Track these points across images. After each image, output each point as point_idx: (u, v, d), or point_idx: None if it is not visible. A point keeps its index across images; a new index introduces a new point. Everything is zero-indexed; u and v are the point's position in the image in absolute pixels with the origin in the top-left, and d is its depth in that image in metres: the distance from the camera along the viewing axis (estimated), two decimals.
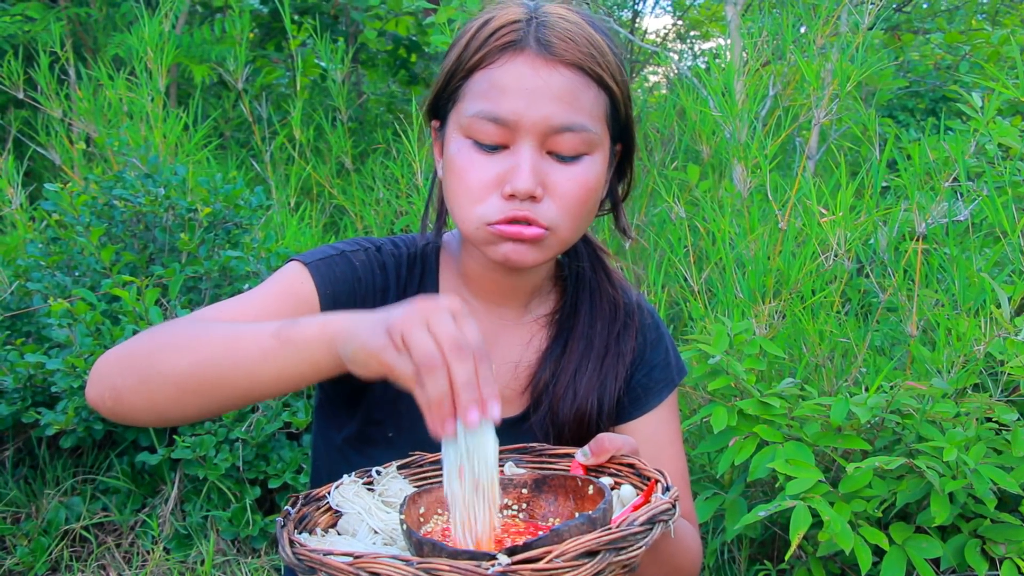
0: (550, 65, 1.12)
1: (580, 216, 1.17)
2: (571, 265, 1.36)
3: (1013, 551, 1.84)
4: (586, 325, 1.32)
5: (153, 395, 0.99)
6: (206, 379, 0.98)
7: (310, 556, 0.84)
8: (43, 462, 2.75)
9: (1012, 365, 1.88)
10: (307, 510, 1.04)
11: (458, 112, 1.17)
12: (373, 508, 1.05)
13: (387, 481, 1.10)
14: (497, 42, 1.14)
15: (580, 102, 1.14)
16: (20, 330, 2.72)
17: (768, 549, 2.38)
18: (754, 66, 2.94)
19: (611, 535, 0.83)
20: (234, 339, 0.99)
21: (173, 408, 1.00)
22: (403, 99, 5.59)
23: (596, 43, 1.16)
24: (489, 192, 1.13)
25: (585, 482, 1.02)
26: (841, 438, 1.98)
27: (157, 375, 0.99)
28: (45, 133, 3.72)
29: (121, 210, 2.80)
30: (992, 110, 2.36)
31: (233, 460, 2.49)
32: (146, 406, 1.00)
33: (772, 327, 2.40)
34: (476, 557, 0.81)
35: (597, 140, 1.16)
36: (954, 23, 4.71)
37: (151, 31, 3.58)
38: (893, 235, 2.43)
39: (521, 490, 1.07)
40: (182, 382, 0.98)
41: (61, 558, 2.51)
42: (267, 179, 3.99)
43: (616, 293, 1.35)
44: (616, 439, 1.09)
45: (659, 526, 0.88)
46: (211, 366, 0.98)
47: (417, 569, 0.79)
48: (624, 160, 1.30)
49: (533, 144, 1.12)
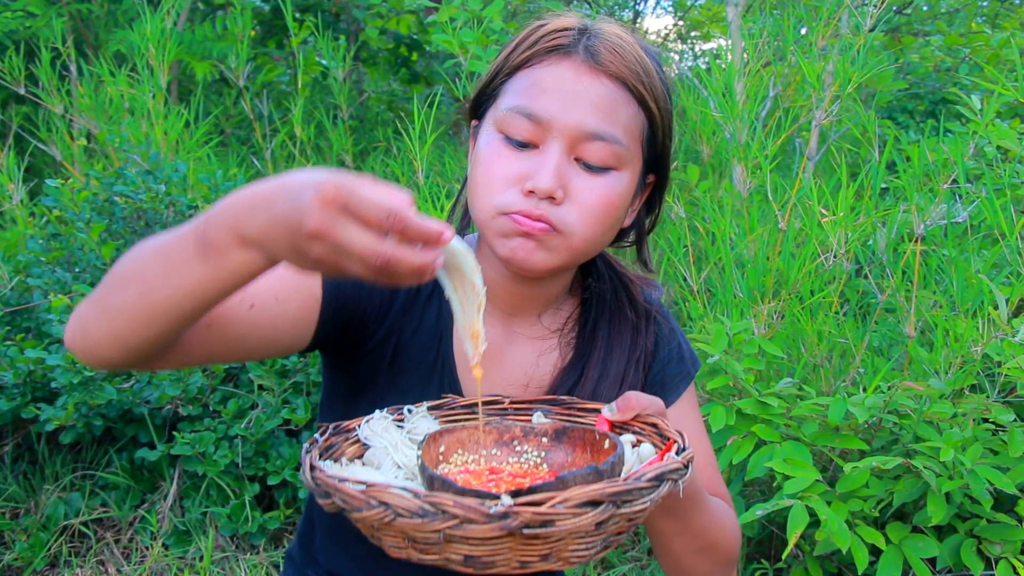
0: (593, 73, 1.13)
1: (598, 228, 1.16)
2: (592, 287, 1.34)
3: (1009, 551, 1.85)
4: (603, 351, 1.30)
5: (112, 326, 0.97)
6: (152, 306, 0.94)
7: (326, 481, 0.87)
8: (42, 458, 2.75)
9: (1009, 366, 1.88)
10: (336, 439, 1.06)
11: (496, 108, 1.17)
12: (399, 443, 1.07)
13: (416, 420, 1.13)
14: (546, 44, 1.15)
15: (617, 115, 1.13)
16: (20, 326, 2.72)
17: (765, 548, 2.39)
18: (755, 67, 2.94)
19: (616, 487, 0.84)
20: (164, 254, 0.93)
21: (132, 337, 0.97)
22: (404, 97, 5.60)
23: (644, 63, 1.16)
24: (509, 186, 1.13)
25: (603, 436, 1.05)
26: (839, 438, 1.99)
27: (112, 308, 0.97)
28: (46, 129, 3.72)
29: (122, 206, 2.81)
30: (991, 112, 2.37)
31: (232, 456, 2.50)
32: (108, 338, 0.98)
33: (771, 327, 2.41)
34: (481, 496, 0.83)
35: (628, 157, 1.15)
36: (954, 26, 4.72)
37: (153, 27, 3.58)
38: (892, 236, 2.44)
39: (541, 439, 1.09)
40: (133, 312, 0.95)
41: (60, 553, 2.52)
42: (268, 176, 3.99)
43: (639, 320, 1.33)
44: (643, 398, 1.10)
45: (667, 484, 0.89)
46: (152, 292, 0.94)
47: (423, 501, 0.81)
48: (655, 192, 1.29)
49: (562, 147, 1.12)
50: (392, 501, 0.83)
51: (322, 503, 0.89)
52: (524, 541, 0.84)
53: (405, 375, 1.27)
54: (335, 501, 0.87)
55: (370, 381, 1.27)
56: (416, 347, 1.27)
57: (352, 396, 1.30)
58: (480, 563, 0.86)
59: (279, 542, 2.60)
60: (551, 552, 0.86)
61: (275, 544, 2.59)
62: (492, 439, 1.10)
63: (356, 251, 0.79)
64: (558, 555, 0.87)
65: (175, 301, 0.92)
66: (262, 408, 2.55)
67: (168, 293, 0.92)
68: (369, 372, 1.27)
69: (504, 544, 0.84)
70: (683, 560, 1.22)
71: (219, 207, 0.89)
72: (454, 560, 0.86)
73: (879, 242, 2.44)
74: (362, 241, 0.79)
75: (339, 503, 0.86)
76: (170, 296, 0.92)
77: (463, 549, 0.84)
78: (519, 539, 0.84)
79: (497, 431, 1.10)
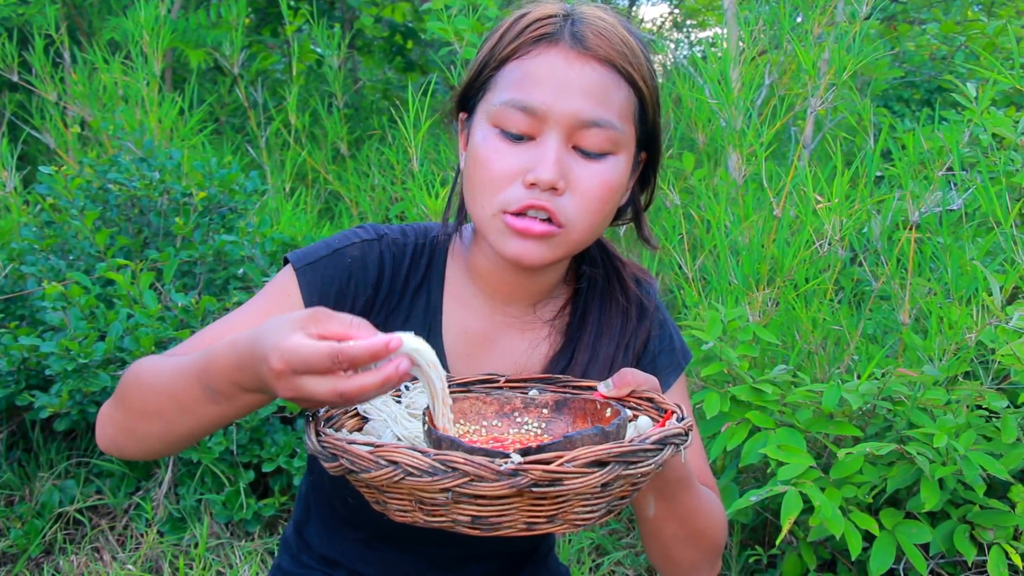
0: (583, 59, 1.12)
1: (598, 216, 1.17)
2: (586, 272, 1.34)
3: (1001, 537, 1.86)
4: (593, 335, 1.31)
5: (144, 446, 1.11)
6: (177, 435, 1.07)
7: (333, 443, 0.88)
8: (37, 445, 2.75)
9: (1003, 353, 1.89)
10: (335, 412, 1.08)
11: (487, 102, 1.17)
12: (399, 416, 1.09)
13: (414, 395, 1.14)
14: (532, 34, 1.15)
15: (610, 99, 1.13)
16: (14, 313, 2.72)
17: (759, 534, 2.40)
18: (750, 54, 2.94)
19: (622, 447, 0.86)
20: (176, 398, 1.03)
21: (165, 451, 1.12)
22: (399, 85, 5.58)
23: (629, 43, 1.16)
24: (511, 181, 1.13)
25: (604, 405, 1.06)
26: (833, 424, 1.99)
27: (142, 437, 1.10)
28: (40, 117, 3.70)
29: (116, 194, 2.80)
30: (986, 100, 2.37)
31: (227, 444, 2.50)
32: (143, 454, 1.12)
33: (765, 314, 2.41)
34: (490, 455, 0.84)
35: (623, 140, 1.16)
36: (950, 13, 4.71)
37: (147, 15, 3.57)
38: (887, 224, 2.44)
39: (542, 410, 1.11)
40: (162, 438, 1.08)
41: (55, 541, 2.52)
42: (262, 164, 3.99)
43: (629, 305, 1.33)
44: (638, 374, 1.10)
45: (670, 448, 0.90)
46: (174, 426, 1.05)
47: (433, 460, 0.82)
48: (648, 168, 1.29)
49: (560, 136, 1.12)
50: (402, 460, 0.83)
51: (328, 467, 0.90)
52: (532, 500, 0.85)
53: None
54: (343, 463, 0.87)
55: None
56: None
57: None
58: (487, 524, 0.86)
59: (274, 529, 2.60)
60: (557, 513, 0.88)
61: (270, 531, 2.59)
62: (493, 410, 1.11)
63: (321, 399, 0.87)
64: (564, 516, 0.88)
65: (198, 428, 1.05)
66: None
67: (190, 425, 1.05)
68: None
69: (512, 504, 0.85)
70: (671, 547, 1.23)
71: (213, 361, 0.98)
72: (461, 521, 0.87)
73: (874, 229, 2.45)
74: (322, 389, 0.86)
75: (347, 464, 0.87)
76: (192, 426, 1.05)
77: (471, 510, 0.85)
78: (527, 498, 0.85)
79: (498, 402, 1.11)
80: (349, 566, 1.38)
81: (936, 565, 2.05)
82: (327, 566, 1.40)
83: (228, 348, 0.96)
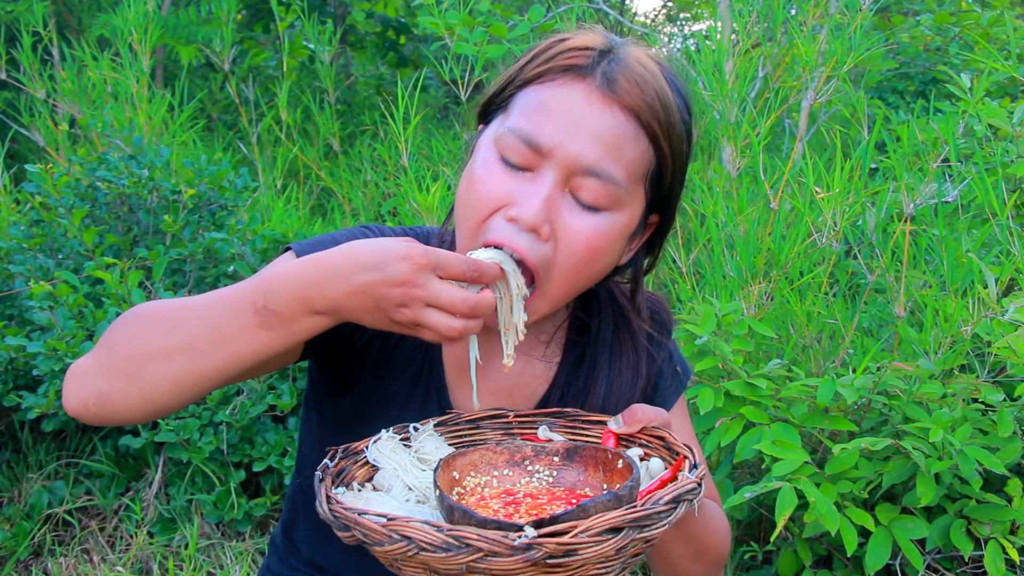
0: (605, 101, 1.06)
1: (579, 274, 1.10)
2: (591, 322, 1.28)
3: (998, 531, 1.84)
4: (603, 396, 1.25)
5: (148, 394, 0.99)
6: (200, 374, 0.98)
7: (345, 515, 0.88)
8: (25, 446, 2.72)
9: (998, 346, 1.87)
10: (345, 463, 1.07)
11: (502, 120, 1.12)
12: (408, 465, 1.08)
13: (423, 439, 1.14)
14: (563, 62, 1.08)
15: (621, 151, 1.06)
16: (2, 313, 2.69)
17: (754, 531, 2.38)
18: (744, 46, 2.92)
19: (636, 513, 0.85)
20: (216, 324, 0.97)
21: (170, 402, 1.00)
22: (391, 81, 5.56)
23: (665, 98, 1.08)
24: (494, 209, 1.07)
25: (615, 455, 1.04)
26: (828, 419, 1.98)
27: (150, 377, 0.98)
28: (28, 114, 3.67)
29: (105, 192, 2.77)
30: (981, 91, 2.35)
31: (217, 443, 2.48)
32: (140, 405, 1.00)
33: (760, 308, 2.39)
34: (503, 527, 0.83)
35: (624, 198, 1.08)
36: (944, 5, 4.69)
37: (136, 11, 3.54)
38: (881, 216, 2.42)
39: (553, 458, 1.10)
40: (177, 379, 0.98)
41: (44, 542, 2.50)
42: (254, 161, 3.97)
43: (639, 357, 1.27)
44: (649, 410, 1.08)
45: (683, 505, 0.90)
46: (202, 361, 0.98)
47: (446, 536, 0.82)
48: (657, 234, 1.22)
49: (556, 177, 1.05)
50: (415, 535, 0.83)
51: (341, 536, 0.89)
52: (546, 569, 0.84)
53: (391, 377, 1.25)
54: (355, 534, 0.87)
55: (356, 379, 1.26)
56: (403, 350, 1.25)
57: (337, 393, 1.29)
58: None
59: (265, 528, 2.58)
60: None
61: (261, 531, 2.57)
62: (504, 459, 1.10)
63: (445, 302, 0.93)
64: None
65: (228, 365, 0.98)
66: (247, 394, 2.53)
67: (224, 359, 0.98)
68: (356, 367, 1.26)
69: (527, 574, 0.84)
70: (678, 565, 1.21)
71: (275, 280, 0.96)
72: None
73: (868, 222, 2.43)
74: (451, 292, 0.93)
75: (359, 536, 0.87)
76: (225, 362, 0.98)
77: None
78: (541, 568, 0.84)
79: (508, 451, 1.10)
80: (335, 572, 1.36)
81: (932, 560, 2.04)
82: (315, 570, 1.38)
83: (305, 265, 0.95)
